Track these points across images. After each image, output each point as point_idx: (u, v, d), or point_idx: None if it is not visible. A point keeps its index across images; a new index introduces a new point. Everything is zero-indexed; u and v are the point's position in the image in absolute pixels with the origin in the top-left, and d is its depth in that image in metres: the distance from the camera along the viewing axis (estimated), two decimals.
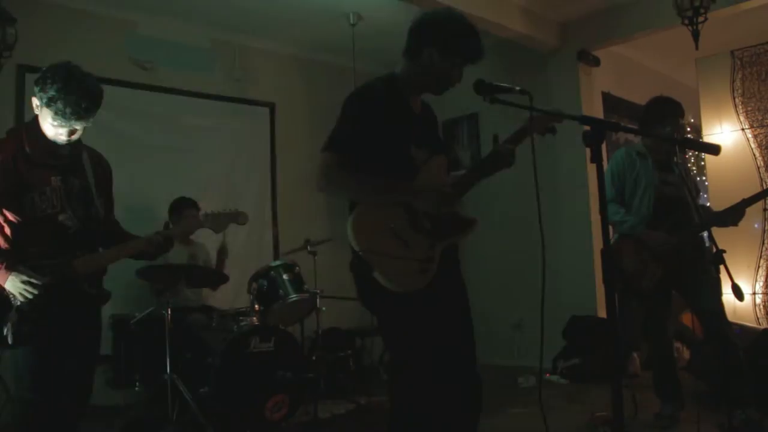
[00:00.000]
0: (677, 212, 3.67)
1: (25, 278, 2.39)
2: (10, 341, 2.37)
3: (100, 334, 2.76)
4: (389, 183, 2.34)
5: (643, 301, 3.81)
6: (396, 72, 2.47)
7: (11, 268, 2.39)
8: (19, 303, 2.40)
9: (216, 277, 4.72)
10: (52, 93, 2.40)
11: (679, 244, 3.61)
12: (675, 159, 3.80)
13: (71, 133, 2.51)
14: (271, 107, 6.49)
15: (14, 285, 2.39)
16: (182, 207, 5.00)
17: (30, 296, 2.39)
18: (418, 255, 2.28)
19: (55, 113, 2.42)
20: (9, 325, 2.37)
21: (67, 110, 2.41)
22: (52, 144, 2.53)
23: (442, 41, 2.36)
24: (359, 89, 2.42)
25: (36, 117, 2.54)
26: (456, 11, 2.45)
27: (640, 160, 3.82)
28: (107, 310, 2.78)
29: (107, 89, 2.58)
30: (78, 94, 2.42)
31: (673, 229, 3.64)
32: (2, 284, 2.40)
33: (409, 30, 2.44)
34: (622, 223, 3.75)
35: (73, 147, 2.61)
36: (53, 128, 2.48)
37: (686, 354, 5.70)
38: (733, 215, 3.55)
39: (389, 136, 2.35)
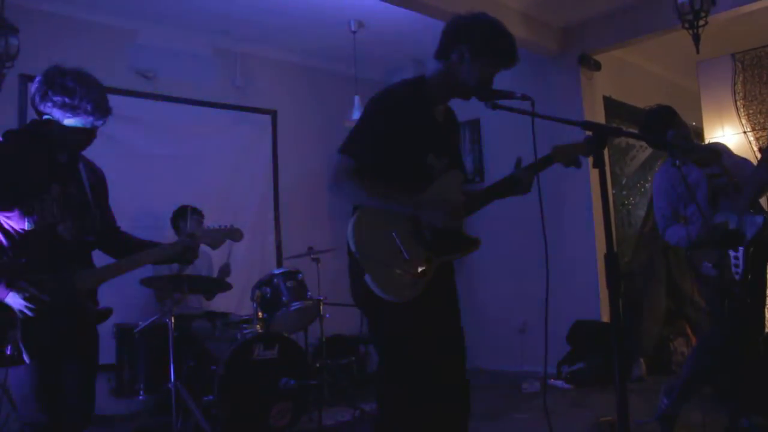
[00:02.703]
0: (727, 197, 3.51)
1: (27, 295, 2.30)
2: (26, 359, 2.29)
3: (98, 349, 2.67)
4: (396, 194, 2.31)
5: (732, 297, 3.54)
6: (425, 76, 2.42)
7: (12, 285, 2.30)
8: (22, 317, 2.31)
9: (218, 286, 4.73)
10: (77, 100, 2.39)
11: (723, 223, 3.43)
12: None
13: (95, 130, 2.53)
14: (273, 115, 6.50)
15: (15, 302, 2.29)
16: (184, 214, 5.01)
17: (32, 314, 2.30)
18: (413, 268, 2.26)
19: (86, 115, 2.42)
20: (19, 340, 2.29)
21: (98, 110, 2.44)
22: (51, 151, 2.47)
23: (474, 38, 2.30)
24: (381, 93, 2.39)
25: (35, 121, 2.46)
26: (491, 15, 2.37)
27: (678, 169, 3.74)
28: (111, 320, 2.75)
29: (109, 98, 2.57)
30: (98, 92, 2.45)
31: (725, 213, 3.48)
32: (2, 299, 2.30)
33: (442, 31, 2.40)
34: (680, 242, 3.64)
35: (71, 155, 2.55)
36: (84, 132, 2.47)
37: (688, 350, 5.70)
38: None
39: (406, 143, 2.33)
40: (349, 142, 2.33)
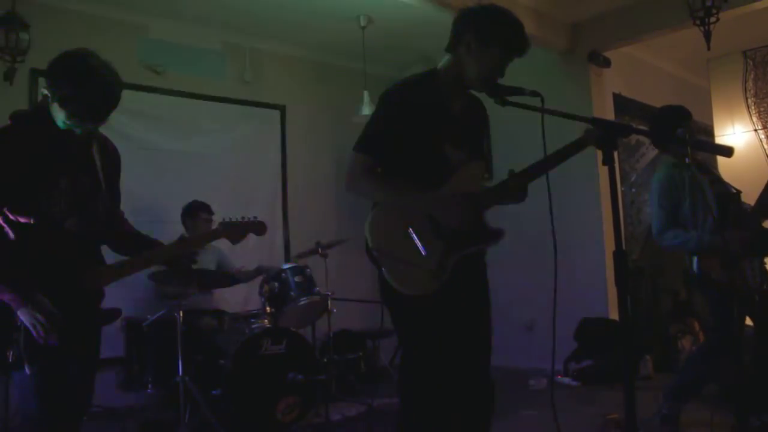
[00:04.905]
0: (734, 205, 3.55)
1: (45, 312, 2.15)
2: (26, 368, 2.18)
3: (99, 343, 2.53)
4: (412, 190, 2.30)
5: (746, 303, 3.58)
6: (437, 68, 2.40)
7: (30, 299, 2.15)
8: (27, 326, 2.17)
9: (228, 280, 4.74)
10: (65, 92, 2.12)
11: (752, 235, 3.44)
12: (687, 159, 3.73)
13: (86, 131, 2.29)
14: (282, 110, 6.51)
15: (30, 317, 2.15)
16: (196, 211, 5.02)
17: (43, 333, 2.15)
18: (430, 262, 2.24)
19: (70, 114, 2.16)
20: (21, 347, 2.18)
21: (82, 112, 2.17)
22: (61, 136, 2.24)
23: (480, 28, 2.27)
24: (392, 87, 2.37)
25: (43, 105, 2.24)
26: (500, 5, 2.34)
27: (681, 172, 3.67)
28: None
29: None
30: (96, 96, 2.15)
31: (737, 222, 3.49)
32: (15, 309, 2.15)
33: (452, 23, 2.38)
34: (685, 244, 3.60)
35: (83, 137, 2.32)
36: (66, 125, 2.22)
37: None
38: None
39: (421, 136, 2.31)
40: (362, 139, 2.32)
